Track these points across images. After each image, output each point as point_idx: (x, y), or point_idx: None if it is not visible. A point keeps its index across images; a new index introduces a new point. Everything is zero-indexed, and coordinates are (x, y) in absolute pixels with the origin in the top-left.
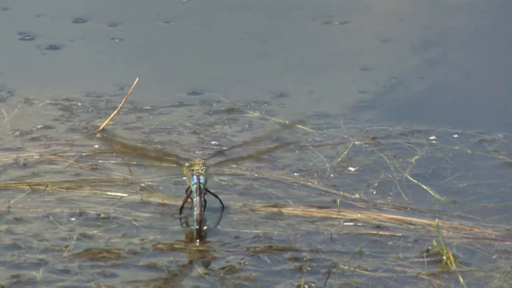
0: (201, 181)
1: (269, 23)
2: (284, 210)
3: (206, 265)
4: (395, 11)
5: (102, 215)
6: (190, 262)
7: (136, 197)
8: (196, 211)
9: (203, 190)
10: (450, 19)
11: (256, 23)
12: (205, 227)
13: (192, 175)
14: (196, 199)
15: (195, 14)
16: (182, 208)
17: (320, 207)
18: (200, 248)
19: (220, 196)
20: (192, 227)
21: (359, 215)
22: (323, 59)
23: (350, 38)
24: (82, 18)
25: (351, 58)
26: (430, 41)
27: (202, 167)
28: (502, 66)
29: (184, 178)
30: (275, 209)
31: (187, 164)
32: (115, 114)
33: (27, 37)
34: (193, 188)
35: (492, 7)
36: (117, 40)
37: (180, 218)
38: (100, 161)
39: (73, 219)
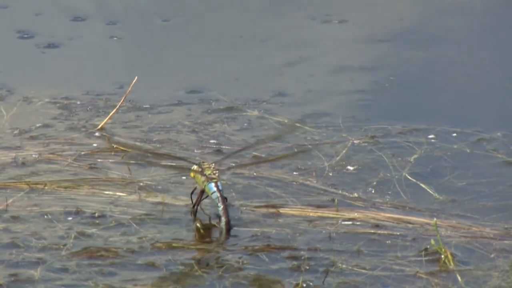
0: (219, 188)
1: (268, 21)
2: (282, 210)
3: (205, 263)
4: (393, 10)
5: (100, 213)
6: (189, 261)
7: (135, 196)
8: (224, 220)
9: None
10: (449, 18)
11: (254, 21)
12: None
13: (208, 181)
14: (220, 208)
15: (194, 13)
16: (195, 212)
17: (319, 206)
18: (199, 246)
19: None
20: (221, 227)
21: (356, 214)
22: (322, 58)
23: (349, 37)
24: (80, 17)
25: (350, 56)
26: (429, 40)
27: (214, 172)
28: (500, 65)
29: (184, 177)
30: (273, 210)
31: (195, 167)
32: (114, 113)
33: (26, 36)
34: (214, 196)
35: (491, 7)
36: (115, 38)
37: (182, 217)
38: (99, 160)
39: (71, 217)
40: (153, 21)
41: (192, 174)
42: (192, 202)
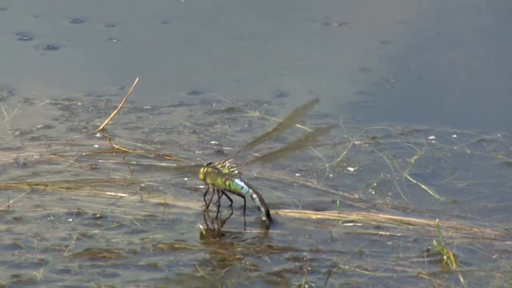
0: (245, 180)
1: (268, 23)
2: (283, 211)
3: (207, 265)
4: (393, 13)
5: (102, 214)
6: (191, 262)
7: (136, 197)
8: (264, 210)
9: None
10: (448, 20)
11: (255, 23)
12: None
13: (230, 179)
14: (257, 199)
15: (193, 15)
16: (217, 211)
17: (320, 208)
18: (201, 247)
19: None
20: (264, 219)
21: (355, 215)
22: (322, 59)
23: (349, 39)
24: (79, 19)
25: (351, 58)
26: (429, 42)
27: (232, 168)
28: (500, 66)
29: (186, 178)
30: (273, 211)
31: (209, 169)
32: (115, 114)
33: (25, 38)
34: (244, 190)
35: (489, 8)
36: (115, 40)
37: (184, 218)
38: (100, 161)
39: (73, 218)
40: (152, 23)
41: (201, 177)
42: (206, 204)
